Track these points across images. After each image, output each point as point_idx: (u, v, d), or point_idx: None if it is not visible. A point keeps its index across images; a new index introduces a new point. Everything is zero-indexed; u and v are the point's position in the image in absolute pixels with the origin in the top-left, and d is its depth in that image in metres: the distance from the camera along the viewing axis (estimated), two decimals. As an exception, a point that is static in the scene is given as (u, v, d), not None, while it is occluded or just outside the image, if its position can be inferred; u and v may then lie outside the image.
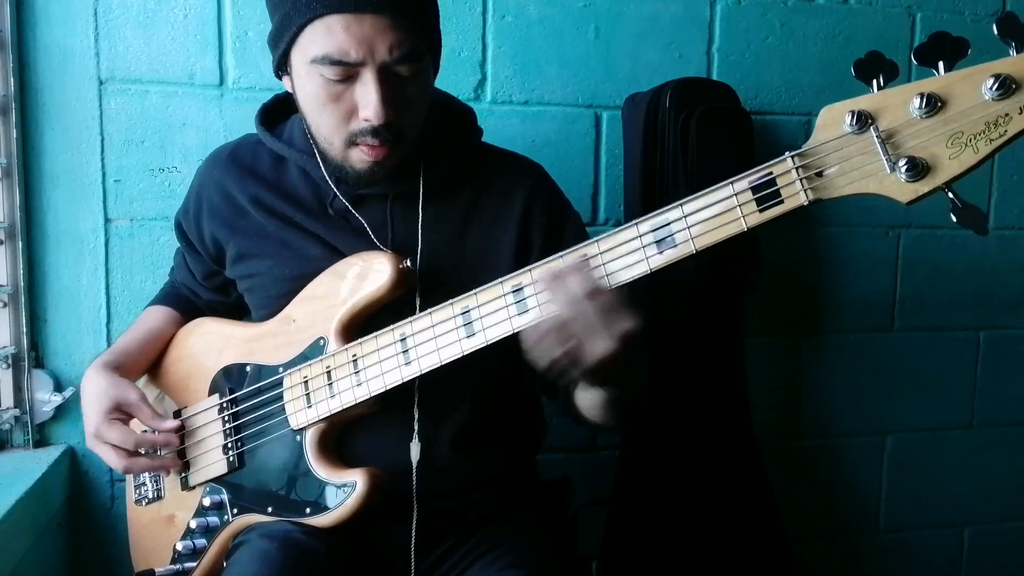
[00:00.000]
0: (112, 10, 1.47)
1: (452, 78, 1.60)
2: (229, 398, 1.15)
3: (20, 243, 1.45)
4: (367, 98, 0.98)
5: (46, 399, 1.49)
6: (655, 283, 1.62)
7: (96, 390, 1.12)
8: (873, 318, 1.90)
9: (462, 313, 0.98)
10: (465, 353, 0.99)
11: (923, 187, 0.78)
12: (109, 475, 1.54)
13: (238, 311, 1.28)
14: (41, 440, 1.52)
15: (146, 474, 1.23)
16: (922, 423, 1.98)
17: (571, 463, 1.73)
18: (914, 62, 0.78)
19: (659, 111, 1.59)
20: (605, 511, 1.68)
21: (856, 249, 1.87)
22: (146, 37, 1.49)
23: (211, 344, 1.21)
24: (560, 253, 0.93)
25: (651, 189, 1.61)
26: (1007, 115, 0.75)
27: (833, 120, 0.81)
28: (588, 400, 1.05)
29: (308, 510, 1.06)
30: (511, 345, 1.02)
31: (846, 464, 1.95)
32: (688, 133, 1.57)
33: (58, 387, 1.50)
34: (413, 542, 1.09)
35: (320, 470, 1.07)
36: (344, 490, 1.04)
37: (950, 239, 1.92)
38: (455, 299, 0.99)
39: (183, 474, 1.18)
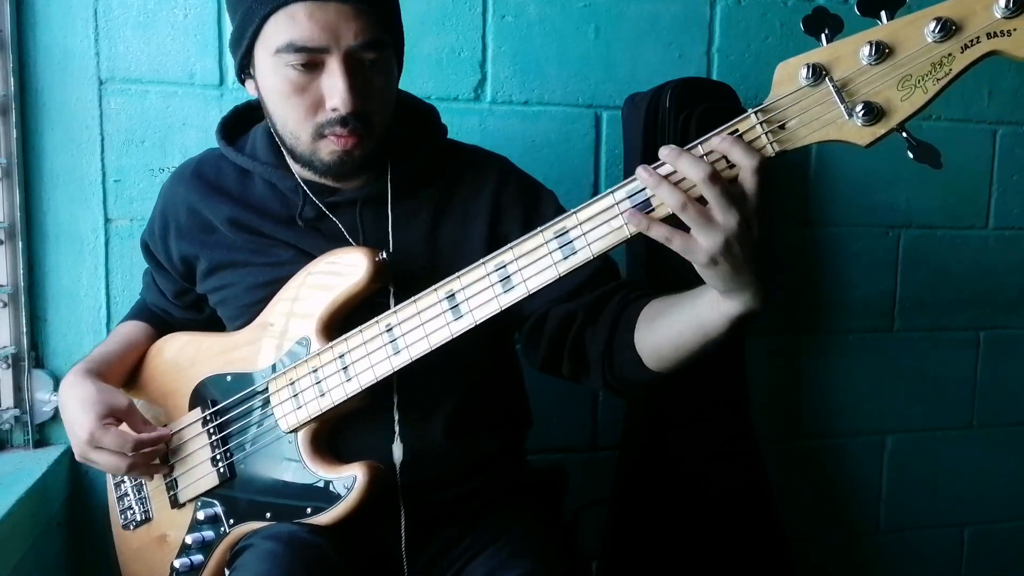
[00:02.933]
0: (112, 10, 1.47)
1: (452, 78, 1.60)
2: (212, 410, 1.13)
3: (20, 243, 1.45)
4: (334, 87, 0.99)
5: (46, 399, 1.49)
6: (655, 282, 1.62)
7: (84, 396, 1.10)
8: (873, 318, 1.91)
9: (447, 297, 0.98)
10: (454, 336, 0.98)
11: (880, 129, 0.81)
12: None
13: (212, 328, 1.26)
14: (41, 440, 1.52)
15: (131, 497, 1.22)
16: (922, 423, 1.98)
17: (571, 463, 1.72)
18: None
19: (659, 111, 1.59)
20: (605, 511, 1.68)
21: (856, 249, 1.87)
22: (146, 37, 1.49)
23: (187, 358, 1.20)
24: (539, 228, 0.93)
25: (651, 189, 1.61)
26: (950, 55, 0.79)
27: (789, 76, 0.84)
28: (691, 326, 0.94)
29: (310, 509, 1.06)
30: (497, 331, 1.02)
31: (846, 464, 1.95)
32: (688, 133, 1.57)
33: (58, 387, 1.50)
34: (404, 538, 1.09)
35: (317, 469, 1.06)
36: (345, 485, 1.04)
37: (950, 239, 1.92)
38: (439, 284, 0.98)
39: (171, 492, 1.17)
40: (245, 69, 1.07)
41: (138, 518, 1.22)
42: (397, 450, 1.08)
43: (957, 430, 2.01)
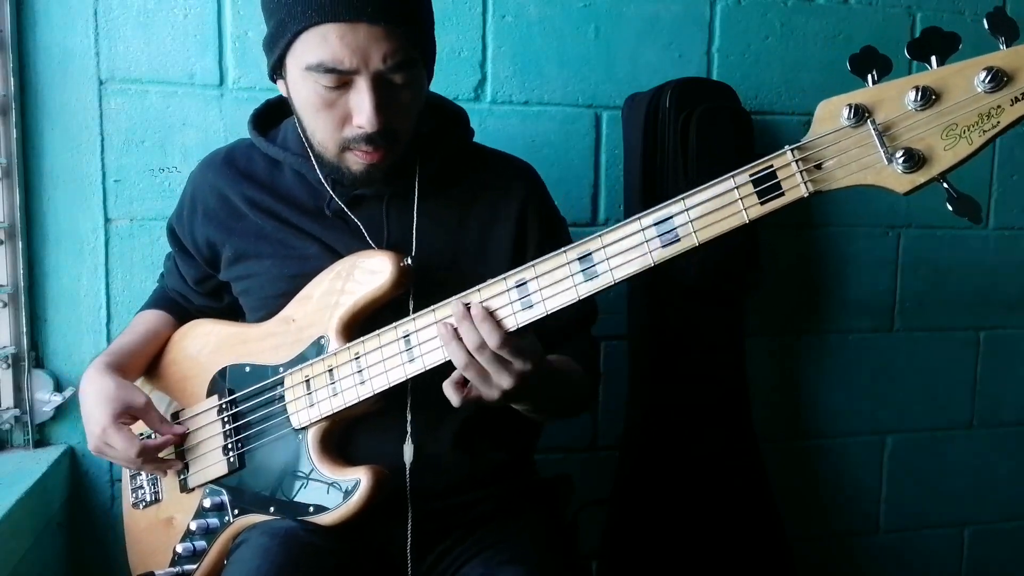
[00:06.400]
0: (112, 10, 1.47)
1: (452, 78, 1.60)
2: (228, 399, 1.14)
3: (20, 243, 1.45)
4: (361, 106, 0.99)
5: (46, 399, 1.49)
6: (656, 283, 1.62)
7: (102, 392, 1.11)
8: (873, 318, 1.91)
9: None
10: None
11: (920, 178, 0.80)
12: (109, 475, 1.54)
13: (229, 317, 1.27)
14: (41, 440, 1.52)
15: (143, 477, 1.23)
16: (922, 423, 1.98)
17: (571, 463, 1.73)
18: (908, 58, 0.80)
19: (659, 111, 1.59)
20: (605, 511, 1.68)
21: (856, 249, 1.87)
22: (146, 37, 1.49)
23: (208, 345, 1.21)
24: (562, 249, 0.93)
25: (651, 189, 1.61)
26: (999, 107, 0.77)
27: (830, 114, 0.82)
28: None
29: (312, 509, 1.06)
30: None
31: (846, 464, 1.95)
32: (688, 133, 1.57)
33: (58, 387, 1.50)
34: (409, 542, 1.09)
35: (323, 469, 1.06)
36: (348, 488, 1.04)
37: (950, 239, 1.92)
38: (458, 296, 0.99)
39: (182, 476, 1.18)
40: (277, 71, 1.07)
41: (148, 498, 1.23)
42: (407, 451, 1.08)
43: (957, 430, 2.01)
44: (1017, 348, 2.01)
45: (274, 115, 1.23)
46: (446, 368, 1.00)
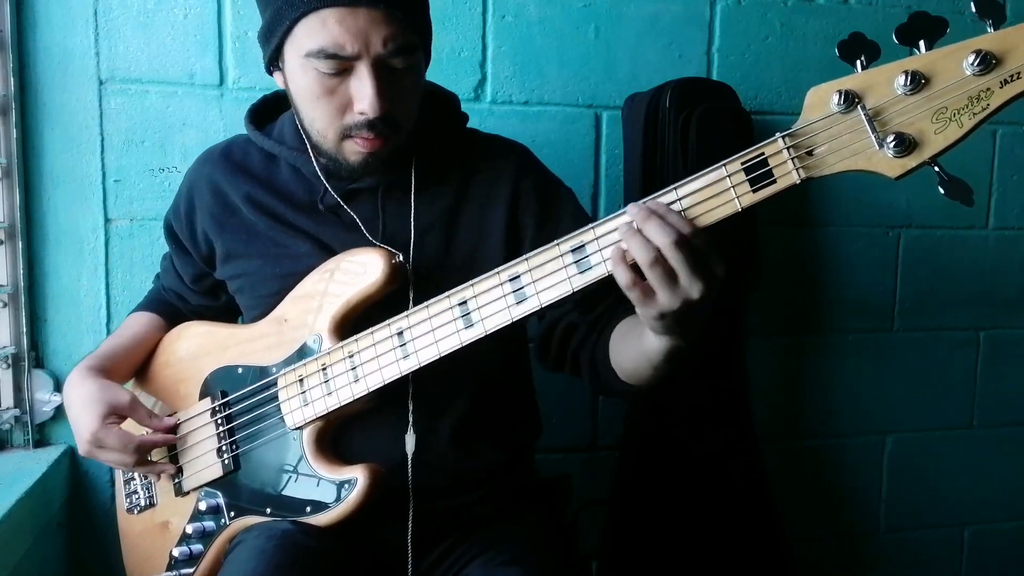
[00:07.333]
0: (112, 10, 1.48)
1: (452, 78, 1.60)
2: (222, 401, 1.14)
3: (20, 243, 1.45)
4: (362, 91, 0.99)
5: (46, 399, 1.49)
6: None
7: (85, 395, 1.11)
8: (873, 318, 1.91)
9: (459, 304, 0.98)
10: (464, 344, 0.98)
11: (911, 162, 0.80)
12: (109, 475, 1.54)
13: (227, 316, 1.27)
14: (41, 440, 1.52)
15: (137, 481, 1.22)
16: (922, 423, 1.98)
17: (571, 463, 1.73)
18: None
19: (659, 111, 1.59)
20: (605, 511, 1.68)
21: (856, 249, 1.87)
22: (146, 37, 1.49)
23: (200, 347, 1.20)
24: (555, 242, 0.93)
25: (651, 189, 1.58)
26: (988, 89, 0.77)
27: (820, 100, 0.82)
28: (639, 354, 0.98)
29: (309, 509, 1.06)
30: (508, 339, 1.02)
31: (846, 464, 1.95)
32: (688, 133, 1.57)
33: (58, 387, 1.50)
34: (410, 536, 1.09)
35: (319, 468, 1.06)
36: (345, 487, 1.04)
37: (950, 239, 1.92)
38: (451, 291, 0.98)
39: (176, 480, 1.17)
40: (274, 62, 1.07)
41: (142, 503, 1.22)
42: (410, 441, 1.08)
43: (957, 430, 2.01)
44: (1017, 348, 2.01)
45: (271, 110, 1.23)
46: (443, 363, 1.00)
